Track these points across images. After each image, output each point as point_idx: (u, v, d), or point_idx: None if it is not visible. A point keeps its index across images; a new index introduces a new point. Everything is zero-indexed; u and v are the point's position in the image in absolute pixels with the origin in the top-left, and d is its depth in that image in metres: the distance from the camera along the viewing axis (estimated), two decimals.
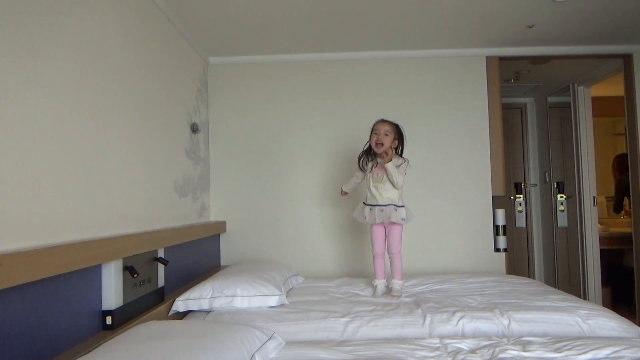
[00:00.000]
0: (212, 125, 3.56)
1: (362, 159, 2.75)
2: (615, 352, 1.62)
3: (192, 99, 3.15)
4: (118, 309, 1.85)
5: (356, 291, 2.74)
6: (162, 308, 2.20)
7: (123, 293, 1.90)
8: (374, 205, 2.65)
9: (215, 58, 3.55)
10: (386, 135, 2.62)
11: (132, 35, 2.21)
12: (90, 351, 1.50)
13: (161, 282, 2.30)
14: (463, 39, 3.31)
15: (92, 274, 1.77)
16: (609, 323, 2.04)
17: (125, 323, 1.89)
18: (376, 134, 2.64)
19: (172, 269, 2.51)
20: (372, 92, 3.55)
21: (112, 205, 1.97)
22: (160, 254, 2.31)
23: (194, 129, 3.09)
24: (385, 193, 2.64)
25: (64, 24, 1.66)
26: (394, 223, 2.65)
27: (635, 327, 2.05)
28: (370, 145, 2.69)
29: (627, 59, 3.58)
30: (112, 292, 1.83)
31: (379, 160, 2.67)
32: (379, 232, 2.72)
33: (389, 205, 2.63)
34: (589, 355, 1.61)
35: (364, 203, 2.72)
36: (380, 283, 2.68)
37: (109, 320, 1.82)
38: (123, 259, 1.91)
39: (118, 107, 2.05)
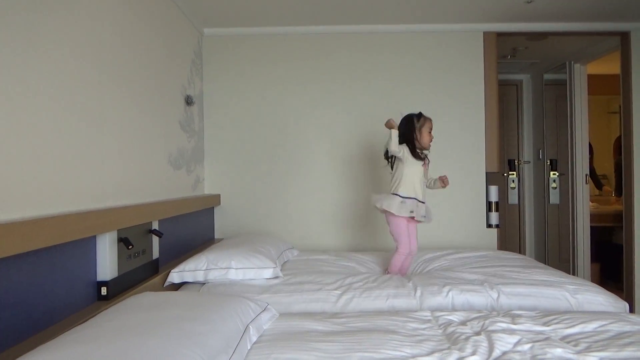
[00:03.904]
0: (206, 98, 3.52)
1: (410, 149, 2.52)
2: (602, 325, 1.66)
3: (187, 71, 3.11)
4: (113, 280, 1.87)
5: (350, 264, 2.77)
6: (157, 279, 2.22)
7: (118, 264, 1.91)
8: (420, 202, 2.53)
9: (210, 29, 3.49)
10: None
11: (125, 6, 2.16)
12: (85, 321, 1.52)
13: (156, 254, 2.31)
14: (460, 14, 3.27)
15: (88, 245, 1.77)
16: (597, 298, 2.09)
17: (120, 294, 1.91)
18: (430, 132, 2.53)
19: (166, 242, 2.52)
20: (367, 66, 3.51)
21: (107, 177, 1.96)
22: (155, 226, 2.31)
23: (189, 101, 3.06)
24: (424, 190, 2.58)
25: None
26: (418, 221, 2.58)
27: (622, 302, 2.10)
28: (412, 137, 2.51)
29: (624, 36, 3.56)
30: (107, 263, 1.84)
31: (427, 154, 2.58)
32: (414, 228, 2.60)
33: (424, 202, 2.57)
34: (577, 328, 1.65)
35: (405, 197, 2.49)
36: None
37: (104, 290, 1.83)
38: (118, 230, 1.91)
39: (112, 80, 2.02)
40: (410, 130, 2.53)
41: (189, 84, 3.13)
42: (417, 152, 2.52)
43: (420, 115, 2.57)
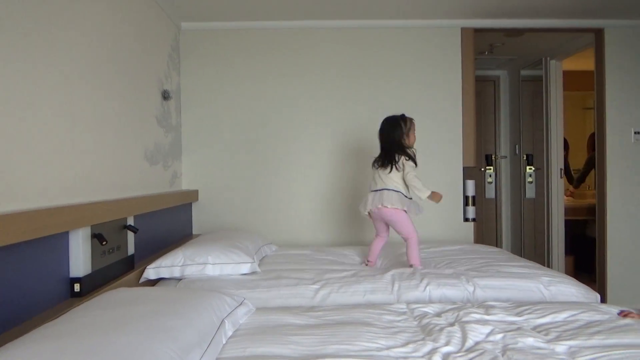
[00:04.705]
0: (184, 93, 3.49)
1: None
2: (573, 315, 1.70)
3: (163, 65, 3.07)
4: (86, 277, 1.84)
5: (329, 259, 2.77)
6: (132, 276, 2.19)
7: (92, 260, 1.88)
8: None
9: (188, 23, 3.45)
10: None
11: None
12: (57, 317, 1.49)
13: (131, 250, 2.29)
14: (439, 9, 3.29)
15: (60, 241, 1.74)
16: (570, 289, 2.13)
17: (94, 290, 1.88)
18: (414, 131, 2.66)
19: (142, 238, 2.49)
20: (347, 61, 3.51)
21: (80, 172, 1.92)
22: (130, 222, 2.28)
23: (165, 96, 3.03)
24: None
25: None
26: None
27: (593, 293, 2.15)
28: (402, 142, 2.60)
29: (598, 33, 3.62)
30: (80, 260, 1.81)
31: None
32: None
33: None
34: (548, 318, 1.68)
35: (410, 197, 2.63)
36: None
37: (77, 287, 1.80)
38: (91, 226, 1.88)
39: (85, 72, 1.98)
40: (400, 135, 2.60)
41: (165, 79, 3.09)
42: (413, 156, 2.59)
43: (405, 117, 2.63)
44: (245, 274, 2.34)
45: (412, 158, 2.59)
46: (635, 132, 3.56)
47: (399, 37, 3.52)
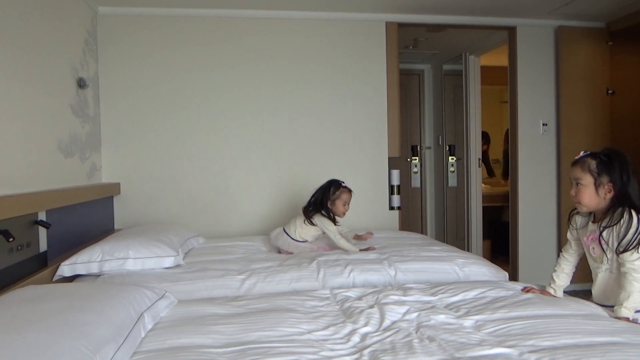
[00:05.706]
0: (102, 81, 3.32)
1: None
2: (482, 292, 1.83)
3: (78, 51, 2.90)
4: None
5: (256, 248, 2.77)
6: (45, 273, 2.08)
7: None
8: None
9: (105, 8, 3.28)
10: None
11: None
12: None
13: (43, 246, 2.16)
14: (364, 3, 3.35)
15: None
16: (481, 269, 2.28)
17: (0, 290, 1.76)
18: (345, 204, 2.77)
19: (57, 233, 2.35)
20: (274, 51, 3.50)
21: None
22: (42, 217, 2.15)
23: (81, 84, 2.87)
24: None
25: None
26: None
27: (503, 272, 2.31)
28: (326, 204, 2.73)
29: (511, 31, 3.85)
30: None
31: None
32: None
33: None
34: (459, 296, 1.80)
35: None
36: None
37: None
38: None
39: None
40: (325, 197, 2.74)
41: (81, 66, 2.93)
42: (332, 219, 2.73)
43: (339, 185, 2.77)
44: (168, 268, 2.29)
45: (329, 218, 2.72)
46: (543, 124, 3.83)
47: (326, 29, 3.56)
